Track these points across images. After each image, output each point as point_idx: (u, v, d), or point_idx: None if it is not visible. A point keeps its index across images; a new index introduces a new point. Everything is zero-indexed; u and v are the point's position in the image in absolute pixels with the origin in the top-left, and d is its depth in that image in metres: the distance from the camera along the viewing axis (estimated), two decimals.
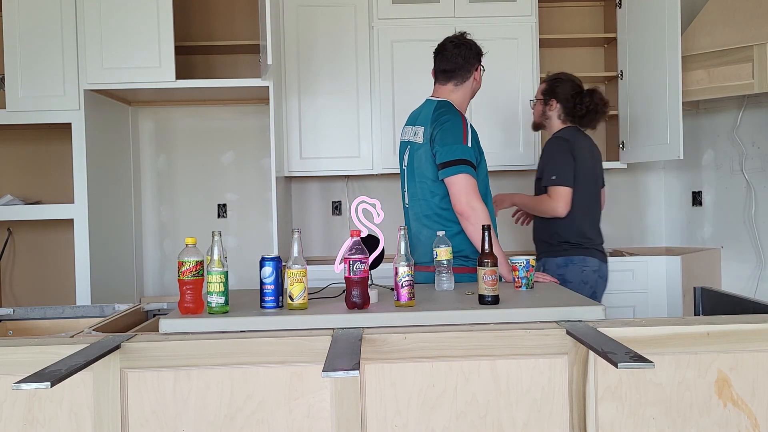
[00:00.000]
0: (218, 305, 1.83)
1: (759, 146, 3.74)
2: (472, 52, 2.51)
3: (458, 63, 2.49)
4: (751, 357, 1.72)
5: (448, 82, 2.52)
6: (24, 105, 3.25)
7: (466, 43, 2.51)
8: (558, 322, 1.78)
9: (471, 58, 2.50)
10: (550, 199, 2.83)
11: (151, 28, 3.24)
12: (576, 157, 2.87)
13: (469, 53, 2.49)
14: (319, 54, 3.67)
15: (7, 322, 2.29)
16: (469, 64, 2.50)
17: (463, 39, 2.52)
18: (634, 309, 3.49)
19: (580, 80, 3.04)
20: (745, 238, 3.79)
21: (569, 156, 2.86)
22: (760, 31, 3.29)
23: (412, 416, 1.69)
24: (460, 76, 2.51)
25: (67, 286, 3.60)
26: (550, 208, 2.83)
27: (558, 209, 2.81)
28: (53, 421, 1.66)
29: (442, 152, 2.37)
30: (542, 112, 3.03)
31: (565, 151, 2.88)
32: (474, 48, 2.52)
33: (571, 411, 1.71)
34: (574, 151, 2.88)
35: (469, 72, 2.51)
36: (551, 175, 2.84)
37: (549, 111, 3.01)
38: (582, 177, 2.88)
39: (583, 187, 2.89)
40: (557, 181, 2.82)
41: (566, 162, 2.85)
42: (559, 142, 2.93)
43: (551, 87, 3.00)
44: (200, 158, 4.01)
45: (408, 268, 1.87)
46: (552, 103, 2.99)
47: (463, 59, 2.48)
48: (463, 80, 2.51)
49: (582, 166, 2.88)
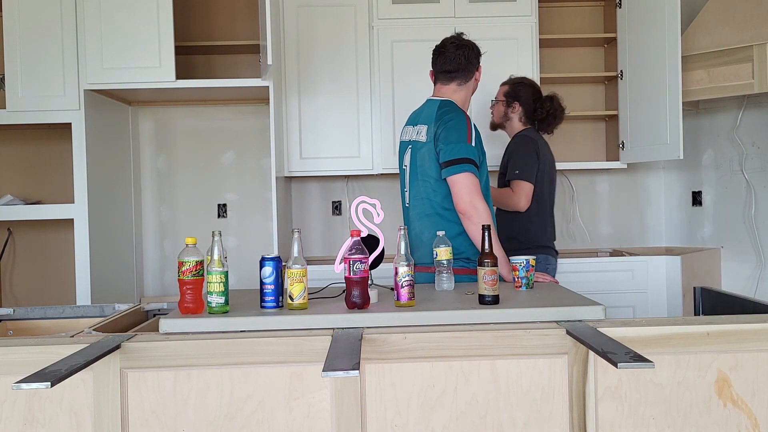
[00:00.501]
0: (218, 305, 1.83)
1: (759, 146, 3.74)
2: (474, 52, 2.53)
3: (461, 63, 2.50)
4: (751, 357, 1.72)
5: (451, 82, 2.53)
6: (24, 105, 3.25)
7: (468, 43, 2.52)
8: (558, 322, 1.78)
9: (473, 59, 2.52)
10: (513, 193, 2.94)
11: (151, 28, 3.23)
12: (539, 156, 2.98)
13: (471, 54, 2.51)
14: (319, 54, 3.67)
15: (7, 322, 2.29)
16: (472, 65, 2.52)
17: (463, 39, 2.53)
18: (634, 309, 3.49)
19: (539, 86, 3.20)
20: (745, 238, 3.79)
21: (534, 154, 2.98)
22: (760, 31, 3.29)
23: (412, 416, 1.69)
24: (463, 76, 2.52)
25: (67, 286, 3.59)
26: (512, 202, 2.93)
27: (520, 203, 2.92)
28: (53, 421, 1.66)
29: (445, 150, 2.37)
30: (504, 113, 3.13)
31: (530, 149, 2.99)
32: (475, 48, 2.54)
33: (571, 411, 1.71)
34: (538, 150, 2.99)
35: (471, 72, 2.53)
36: (515, 170, 2.94)
37: (511, 113, 3.11)
38: (543, 176, 2.99)
39: (543, 185, 2.99)
40: (520, 176, 2.92)
41: (531, 159, 2.96)
42: (526, 140, 3.04)
43: (515, 90, 3.12)
44: (200, 158, 4.01)
45: (408, 268, 1.87)
46: (515, 106, 3.10)
47: (465, 60, 2.50)
48: (466, 80, 2.52)
49: (544, 165, 2.99)
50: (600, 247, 4.08)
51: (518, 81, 3.16)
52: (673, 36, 3.39)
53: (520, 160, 2.96)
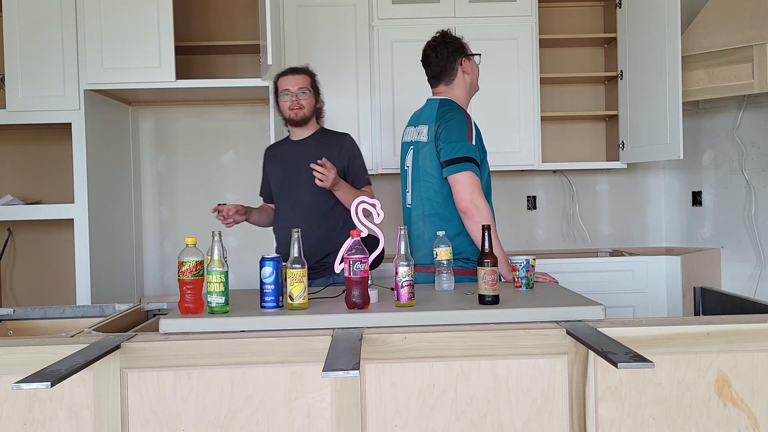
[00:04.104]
0: (218, 305, 1.83)
1: (759, 146, 3.74)
2: (450, 49, 2.49)
3: (440, 65, 2.50)
4: (751, 357, 1.72)
5: (439, 84, 2.53)
6: (24, 105, 3.26)
7: (443, 42, 2.51)
8: (558, 322, 1.78)
9: (451, 55, 2.49)
10: (371, 195, 2.67)
11: (151, 28, 3.24)
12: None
13: (446, 51, 2.49)
14: (319, 54, 3.67)
15: (7, 322, 2.29)
16: (451, 62, 2.49)
17: (441, 40, 2.52)
18: (634, 309, 3.49)
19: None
20: (745, 238, 3.79)
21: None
22: (760, 31, 3.29)
23: (412, 416, 1.69)
24: (446, 76, 2.51)
25: (67, 286, 3.60)
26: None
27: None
28: (53, 421, 1.67)
29: (446, 150, 2.36)
30: (314, 106, 2.78)
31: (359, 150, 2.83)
32: (451, 44, 2.50)
33: (571, 411, 1.71)
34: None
35: (453, 69, 2.50)
36: (365, 174, 2.77)
37: (317, 105, 2.80)
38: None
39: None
40: (370, 181, 2.77)
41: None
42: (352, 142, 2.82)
43: (316, 82, 2.81)
44: (200, 158, 4.01)
45: (408, 268, 1.87)
46: (320, 99, 2.82)
47: (443, 60, 2.49)
48: (451, 79, 2.51)
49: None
50: (600, 247, 4.08)
51: (312, 71, 2.83)
52: (673, 36, 3.39)
53: (363, 162, 2.80)
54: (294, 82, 2.74)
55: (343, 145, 2.76)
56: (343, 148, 2.75)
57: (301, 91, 2.72)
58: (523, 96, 3.69)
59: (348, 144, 2.78)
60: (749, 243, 3.77)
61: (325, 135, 2.82)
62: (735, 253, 3.83)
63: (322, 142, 2.77)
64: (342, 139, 2.80)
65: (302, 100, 2.72)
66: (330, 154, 2.65)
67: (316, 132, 2.81)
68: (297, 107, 2.72)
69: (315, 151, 2.68)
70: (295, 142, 2.81)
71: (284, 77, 2.77)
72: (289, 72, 2.78)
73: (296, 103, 2.72)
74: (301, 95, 2.72)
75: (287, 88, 2.74)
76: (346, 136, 2.82)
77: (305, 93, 2.73)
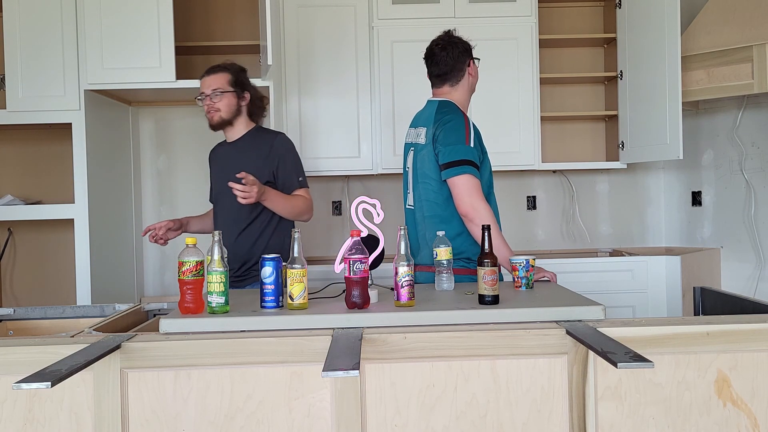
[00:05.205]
0: (218, 305, 1.83)
1: (759, 146, 3.74)
2: (460, 49, 2.48)
3: (449, 65, 2.47)
4: (751, 357, 1.72)
5: (443, 84, 2.51)
6: (24, 105, 3.26)
7: (452, 42, 2.48)
8: (558, 321, 1.78)
9: (460, 56, 2.47)
10: (306, 199, 2.61)
11: (151, 28, 3.24)
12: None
13: (457, 52, 2.47)
14: (319, 54, 3.67)
15: (7, 322, 2.29)
16: (461, 63, 2.48)
17: (448, 39, 2.49)
18: (634, 309, 3.50)
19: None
20: (745, 238, 3.79)
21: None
22: (760, 31, 3.29)
23: (412, 416, 1.69)
24: (454, 76, 2.49)
25: (67, 286, 3.59)
26: (306, 207, 2.60)
27: (311, 211, 2.63)
28: (53, 421, 1.67)
29: (444, 152, 2.36)
30: (236, 105, 2.61)
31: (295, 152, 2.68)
32: (461, 45, 2.49)
33: (571, 411, 1.71)
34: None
35: (461, 71, 2.49)
36: (299, 177, 2.61)
37: (242, 104, 2.63)
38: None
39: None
40: (304, 183, 2.63)
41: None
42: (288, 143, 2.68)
43: (241, 78, 2.64)
44: (200, 158, 3.99)
45: (408, 268, 1.87)
46: (246, 96, 2.64)
47: (453, 60, 2.46)
48: (457, 80, 2.50)
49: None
50: (600, 247, 4.08)
51: (238, 66, 2.66)
52: (673, 36, 3.39)
53: (300, 165, 2.65)
54: (208, 83, 2.58)
55: (273, 145, 2.58)
56: (272, 149, 2.57)
57: (215, 93, 2.55)
58: (522, 96, 3.69)
59: (278, 144, 2.59)
60: (749, 243, 3.77)
61: (258, 135, 2.64)
62: (735, 253, 3.83)
63: (252, 144, 2.61)
64: (273, 139, 2.62)
65: (217, 103, 2.55)
66: (259, 156, 2.54)
67: (250, 132, 2.65)
68: (212, 111, 2.57)
69: (246, 153, 2.57)
70: (229, 143, 2.68)
71: (201, 79, 2.62)
72: (205, 73, 2.63)
73: (210, 107, 2.57)
74: (215, 98, 2.55)
75: (202, 91, 2.59)
76: (278, 135, 2.66)
77: (219, 95, 2.55)
